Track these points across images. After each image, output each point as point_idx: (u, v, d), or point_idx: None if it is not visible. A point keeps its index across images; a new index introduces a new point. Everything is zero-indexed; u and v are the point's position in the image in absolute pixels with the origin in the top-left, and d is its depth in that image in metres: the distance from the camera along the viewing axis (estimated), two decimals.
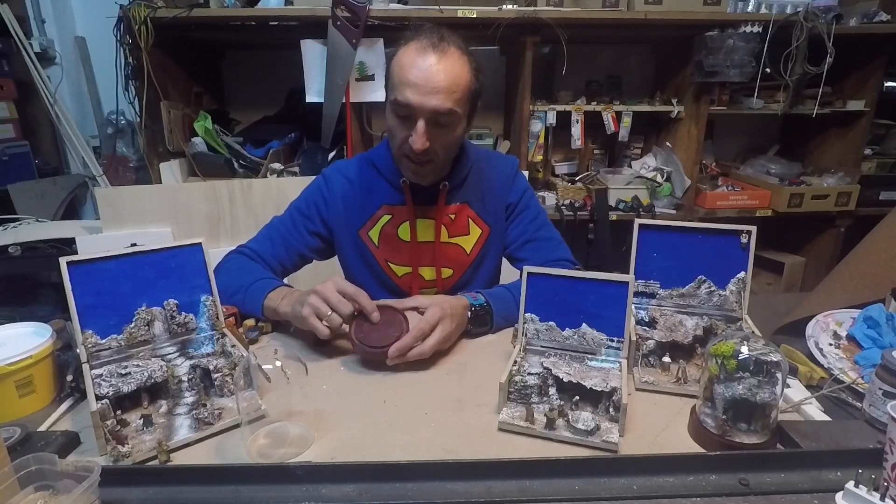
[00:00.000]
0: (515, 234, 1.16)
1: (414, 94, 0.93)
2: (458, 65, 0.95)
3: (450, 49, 0.95)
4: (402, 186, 1.08)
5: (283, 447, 0.68)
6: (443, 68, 0.93)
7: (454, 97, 0.94)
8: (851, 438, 0.66)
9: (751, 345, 0.64)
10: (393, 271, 1.15)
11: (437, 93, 0.92)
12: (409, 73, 0.93)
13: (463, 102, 0.97)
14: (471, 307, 0.97)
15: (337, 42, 1.93)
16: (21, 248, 1.93)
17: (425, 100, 0.93)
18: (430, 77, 0.92)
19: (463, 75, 0.95)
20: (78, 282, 0.74)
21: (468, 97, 0.98)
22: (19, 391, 0.74)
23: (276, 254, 1.12)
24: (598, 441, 0.66)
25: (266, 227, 1.16)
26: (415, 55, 0.94)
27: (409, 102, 0.93)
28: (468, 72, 0.97)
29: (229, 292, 0.99)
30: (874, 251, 1.01)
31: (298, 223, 1.14)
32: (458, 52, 0.96)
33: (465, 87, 0.96)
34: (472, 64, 0.98)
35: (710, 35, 2.03)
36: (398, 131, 0.99)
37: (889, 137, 2.53)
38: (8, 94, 2.27)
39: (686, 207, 2.33)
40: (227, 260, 1.10)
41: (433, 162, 1.02)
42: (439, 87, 0.92)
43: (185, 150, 2.11)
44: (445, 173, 1.10)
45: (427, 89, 0.92)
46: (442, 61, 0.93)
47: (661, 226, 0.91)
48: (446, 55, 0.94)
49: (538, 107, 2.22)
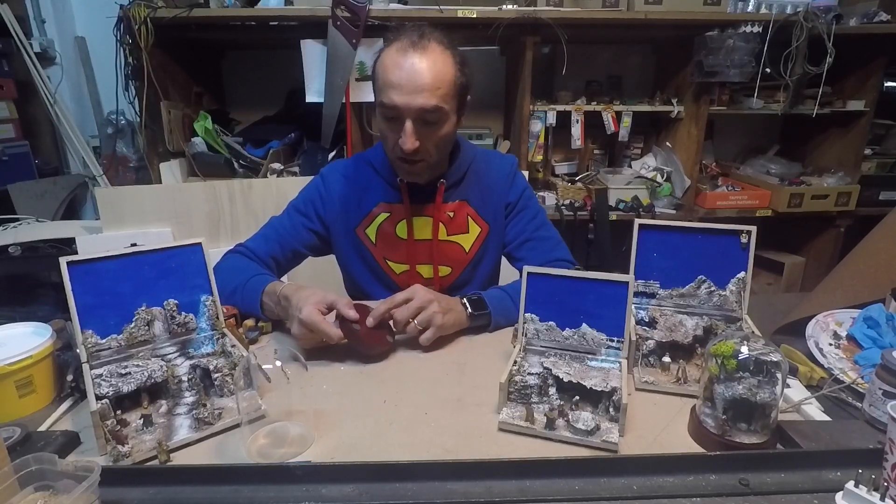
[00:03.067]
0: (514, 233, 1.17)
1: (398, 95, 0.93)
2: (440, 60, 0.95)
3: (430, 45, 0.95)
4: (400, 185, 1.09)
5: (283, 447, 0.68)
6: (425, 66, 0.93)
7: (439, 93, 0.94)
8: (851, 438, 0.66)
9: (751, 345, 0.64)
10: (391, 269, 1.15)
11: (420, 91, 0.93)
12: (392, 75, 0.93)
13: (449, 98, 0.97)
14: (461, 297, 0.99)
15: (337, 42, 1.93)
16: (21, 248, 1.93)
17: (410, 99, 0.93)
18: (412, 76, 0.92)
19: (446, 71, 0.95)
20: (78, 282, 0.74)
21: (454, 92, 0.98)
22: (19, 391, 0.74)
23: (271, 251, 1.12)
24: (597, 441, 0.66)
25: (263, 226, 1.17)
26: (396, 56, 0.94)
27: (395, 104, 0.94)
28: (452, 66, 0.97)
29: (227, 292, 0.99)
30: (874, 251, 1.01)
31: (295, 221, 1.15)
32: (440, 47, 0.96)
33: (450, 83, 0.96)
34: (456, 58, 0.98)
35: (710, 35, 2.03)
36: (389, 134, 1.00)
37: (889, 137, 2.53)
38: (8, 94, 2.27)
39: (686, 207, 2.33)
40: (223, 259, 1.10)
41: (426, 161, 1.02)
42: (423, 86, 0.93)
43: (185, 150, 2.11)
44: (441, 170, 1.11)
45: (410, 89, 0.92)
46: (424, 59, 0.93)
47: (661, 226, 0.91)
48: (427, 52, 0.94)
49: (538, 107, 2.22)
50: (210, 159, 2.10)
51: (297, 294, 0.89)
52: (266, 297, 0.97)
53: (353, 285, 1.21)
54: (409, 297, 0.92)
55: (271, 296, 0.96)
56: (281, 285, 0.96)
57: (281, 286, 0.96)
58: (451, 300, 0.98)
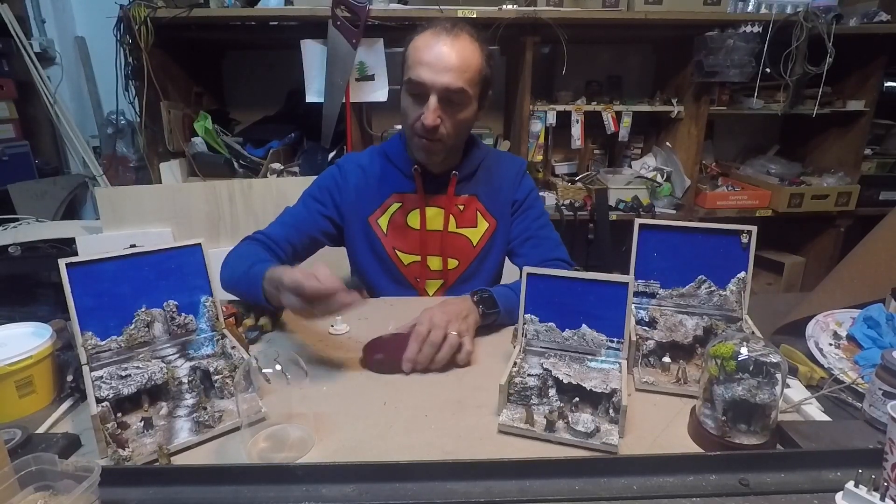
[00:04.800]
0: (518, 231, 1.19)
1: (427, 72, 0.99)
2: (469, 48, 1.01)
3: (462, 34, 1.01)
4: (414, 174, 1.11)
5: (283, 450, 0.68)
6: (455, 50, 0.99)
7: (465, 76, 1.00)
8: (851, 438, 0.66)
9: (750, 346, 0.64)
10: (400, 259, 1.16)
11: (448, 71, 0.98)
12: (424, 54, 1.00)
13: (474, 84, 1.02)
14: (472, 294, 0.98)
15: (337, 42, 1.93)
16: (21, 248, 1.93)
17: (438, 77, 0.98)
18: (442, 57, 0.99)
19: (474, 58, 1.02)
20: (77, 283, 0.74)
21: (479, 80, 1.04)
22: (19, 391, 0.74)
23: (288, 236, 1.11)
24: (597, 443, 0.66)
25: (280, 215, 1.17)
26: (429, 38, 1.01)
27: (423, 80, 0.99)
28: (479, 56, 1.03)
29: (233, 282, 0.99)
30: (874, 251, 1.01)
31: (311, 207, 1.16)
32: (470, 37, 1.02)
33: (476, 69, 1.02)
34: (484, 51, 1.04)
35: (710, 35, 2.03)
36: (411, 111, 1.04)
37: (889, 137, 2.53)
38: (8, 94, 2.27)
39: (686, 207, 2.33)
40: (236, 246, 1.08)
41: (443, 142, 1.05)
42: (451, 66, 0.98)
43: (185, 150, 2.11)
44: (455, 160, 1.14)
45: (439, 67, 0.98)
46: (455, 44, 0.99)
47: (661, 226, 0.91)
48: (459, 38, 1.00)
49: (538, 107, 2.21)
50: (210, 159, 2.10)
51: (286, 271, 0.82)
52: (266, 283, 0.91)
53: (361, 277, 1.22)
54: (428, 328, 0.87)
55: (271, 281, 0.89)
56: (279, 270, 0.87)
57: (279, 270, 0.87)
58: (460, 305, 0.94)
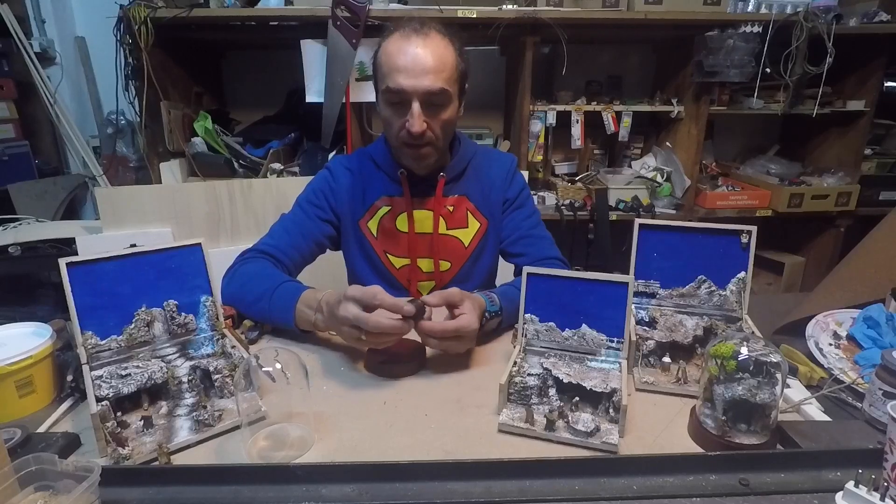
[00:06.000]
0: (510, 229, 1.18)
1: (405, 78, 0.95)
2: (441, 45, 0.98)
3: (431, 33, 0.99)
4: (400, 178, 1.10)
5: (283, 449, 0.68)
6: (429, 50, 0.96)
7: (443, 76, 0.97)
8: (851, 438, 0.66)
9: (750, 346, 0.64)
10: (391, 263, 1.16)
11: (426, 73, 0.95)
12: (398, 60, 0.96)
13: (452, 81, 1.00)
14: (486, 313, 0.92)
15: (337, 42, 1.93)
16: (21, 248, 1.93)
17: (417, 82, 0.95)
18: (417, 60, 0.95)
19: (448, 55, 0.99)
20: (77, 283, 0.74)
21: (457, 76, 1.01)
22: (19, 391, 0.74)
23: (295, 243, 1.10)
24: (597, 443, 0.66)
25: (277, 224, 1.14)
26: (400, 42, 0.97)
27: (402, 86, 0.96)
28: (453, 52, 1.00)
29: (248, 300, 0.96)
30: (874, 251, 1.01)
31: (310, 212, 1.14)
32: (440, 35, 1.00)
33: (453, 66, 1.00)
34: (455, 45, 1.02)
35: (710, 35, 2.03)
36: (394, 120, 1.01)
37: (889, 137, 2.53)
38: (8, 94, 2.27)
39: (686, 207, 2.33)
40: (243, 263, 1.05)
41: (432, 145, 1.03)
42: (428, 68, 0.95)
43: (185, 150, 2.11)
44: (443, 161, 1.12)
45: (417, 71, 0.95)
46: (427, 44, 0.97)
47: (661, 226, 0.91)
48: (429, 38, 0.98)
49: (538, 107, 2.21)
50: (210, 159, 2.10)
51: (341, 296, 0.81)
52: (302, 304, 0.90)
53: (355, 281, 1.21)
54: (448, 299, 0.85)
55: (309, 302, 0.90)
56: (321, 293, 0.89)
57: (322, 293, 0.89)
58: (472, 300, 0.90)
